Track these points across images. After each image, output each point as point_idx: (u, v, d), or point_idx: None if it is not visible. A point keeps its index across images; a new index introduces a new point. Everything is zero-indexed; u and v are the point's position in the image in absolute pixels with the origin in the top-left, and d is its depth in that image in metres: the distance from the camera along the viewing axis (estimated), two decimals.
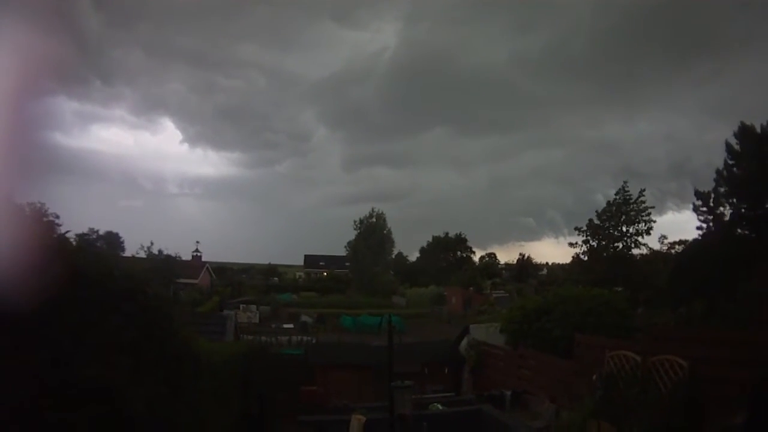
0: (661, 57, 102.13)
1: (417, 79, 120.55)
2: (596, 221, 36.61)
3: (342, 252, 73.72)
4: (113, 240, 53.43)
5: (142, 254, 42.86)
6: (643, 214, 35.21)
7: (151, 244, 44.19)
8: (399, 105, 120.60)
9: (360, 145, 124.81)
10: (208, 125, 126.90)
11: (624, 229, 35.35)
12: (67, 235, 4.12)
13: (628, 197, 35.63)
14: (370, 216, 69.09)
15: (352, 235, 69.18)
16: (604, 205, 36.76)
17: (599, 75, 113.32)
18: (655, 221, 35.40)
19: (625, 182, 36.55)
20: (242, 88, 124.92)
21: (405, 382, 8.15)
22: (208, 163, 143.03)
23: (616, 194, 36.24)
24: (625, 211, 35.37)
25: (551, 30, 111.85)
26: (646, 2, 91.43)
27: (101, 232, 51.81)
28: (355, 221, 69.27)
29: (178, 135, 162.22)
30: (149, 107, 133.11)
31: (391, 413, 7.53)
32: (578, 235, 37.34)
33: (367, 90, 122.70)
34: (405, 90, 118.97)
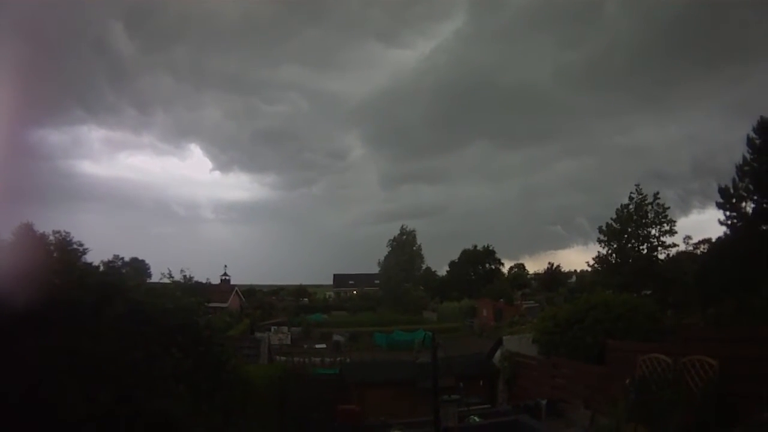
0: (688, 63, 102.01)
1: (460, 96, 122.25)
2: (615, 225, 36.34)
3: (371, 269, 74.19)
4: (139, 266, 53.81)
5: (167, 280, 43.04)
6: (662, 215, 34.94)
7: (180, 270, 44.51)
8: (440, 122, 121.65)
9: (398, 162, 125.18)
10: (242, 149, 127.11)
11: (648, 231, 35.01)
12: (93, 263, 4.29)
13: (642, 199, 35.37)
14: (401, 234, 69.78)
15: (383, 251, 70.07)
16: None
17: (630, 83, 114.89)
18: (675, 221, 35.22)
19: (637, 185, 36.38)
20: (282, 111, 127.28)
21: (452, 396, 8.25)
22: (241, 186, 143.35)
23: (630, 198, 36.11)
24: (643, 213, 35.06)
25: (591, 44, 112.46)
26: (675, 13, 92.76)
27: (126, 259, 52.20)
28: (389, 240, 70.18)
29: (206, 161, 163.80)
30: (180, 133, 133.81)
31: (437, 427, 7.67)
32: (599, 234, 37.13)
33: (409, 108, 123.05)
34: (447, 107, 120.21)
